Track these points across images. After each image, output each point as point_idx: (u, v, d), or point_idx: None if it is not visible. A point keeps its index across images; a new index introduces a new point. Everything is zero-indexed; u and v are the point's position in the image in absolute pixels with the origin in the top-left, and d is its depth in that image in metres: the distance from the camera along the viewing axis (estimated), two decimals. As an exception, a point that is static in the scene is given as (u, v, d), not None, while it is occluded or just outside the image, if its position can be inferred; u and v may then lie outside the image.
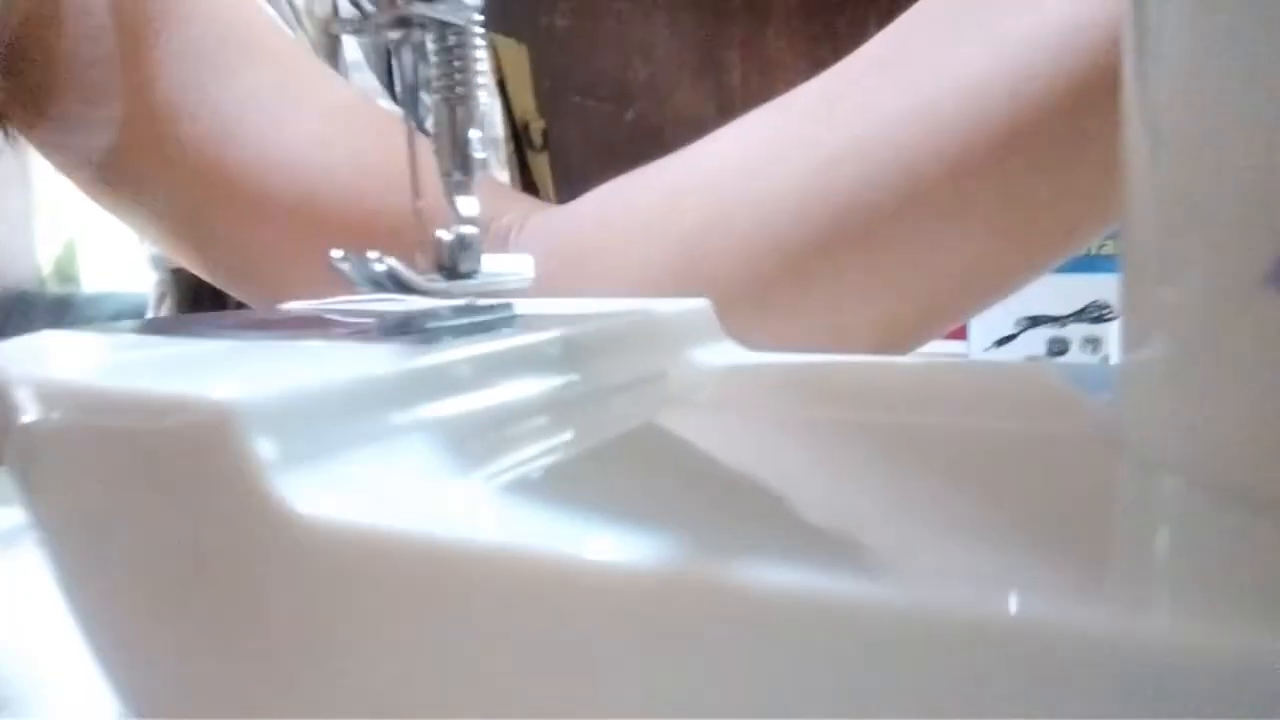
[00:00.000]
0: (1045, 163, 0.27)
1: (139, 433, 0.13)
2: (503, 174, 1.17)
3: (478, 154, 0.18)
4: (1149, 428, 0.12)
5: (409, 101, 0.18)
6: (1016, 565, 0.09)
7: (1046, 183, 0.28)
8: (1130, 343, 0.12)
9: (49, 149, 0.43)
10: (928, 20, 0.29)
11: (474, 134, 0.18)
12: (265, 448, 0.12)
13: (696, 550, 0.09)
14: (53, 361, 0.17)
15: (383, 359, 0.14)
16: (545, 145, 1.33)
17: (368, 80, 0.89)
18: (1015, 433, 0.14)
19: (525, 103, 1.33)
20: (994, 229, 0.29)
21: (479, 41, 0.17)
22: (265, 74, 0.39)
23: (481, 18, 0.17)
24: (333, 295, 0.26)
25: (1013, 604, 0.08)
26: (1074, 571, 0.09)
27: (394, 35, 0.17)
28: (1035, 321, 0.73)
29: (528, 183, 1.27)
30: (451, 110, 0.18)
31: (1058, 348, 0.74)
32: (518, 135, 1.28)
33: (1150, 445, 0.12)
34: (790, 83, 0.33)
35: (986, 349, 0.72)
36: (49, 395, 0.14)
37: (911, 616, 0.08)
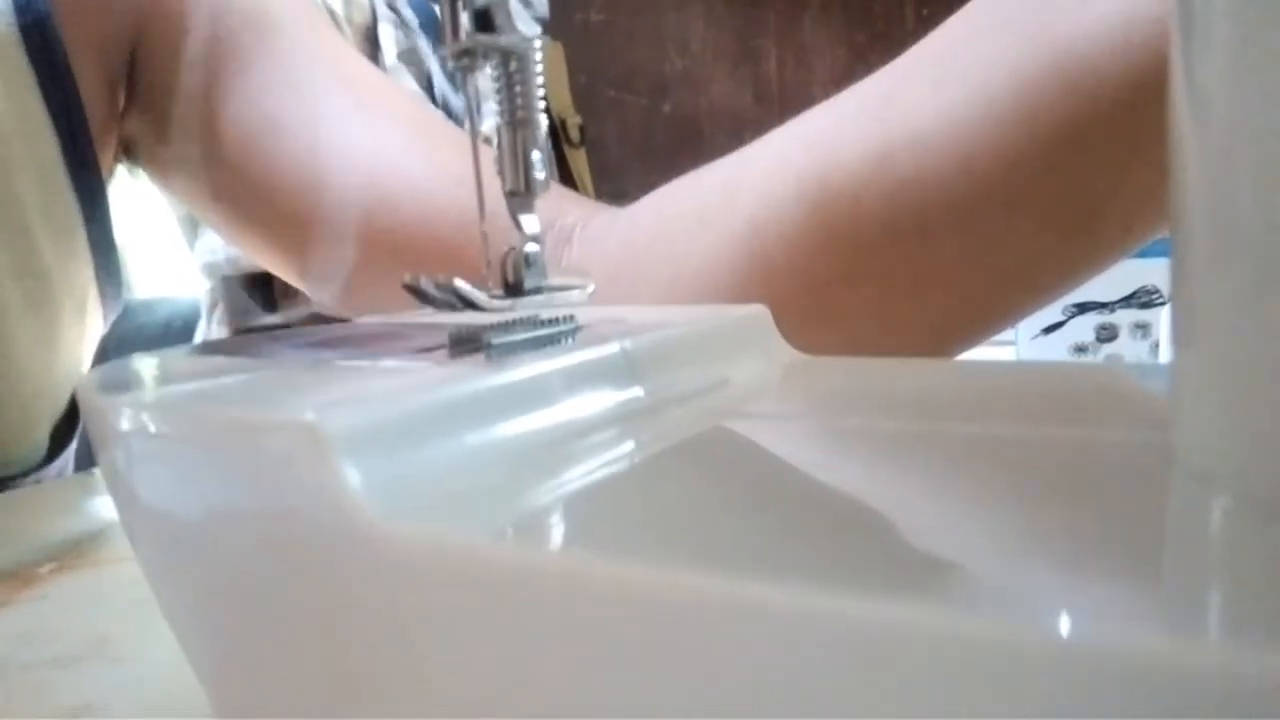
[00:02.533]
0: (1102, 159, 0.27)
1: (235, 454, 0.14)
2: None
3: (539, 174, 0.19)
4: (1198, 437, 0.12)
5: (473, 127, 0.18)
6: (1054, 590, 0.09)
7: (1103, 179, 0.28)
8: (1179, 342, 0.12)
9: (166, 176, 0.46)
10: (982, 16, 0.29)
11: (536, 155, 0.19)
12: (351, 467, 0.12)
13: (767, 569, 0.10)
14: (151, 385, 0.18)
15: (454, 379, 0.15)
16: (583, 140, 1.34)
17: (407, 83, 0.91)
18: (1071, 443, 0.15)
19: (562, 99, 1.33)
20: (1049, 226, 0.29)
21: (539, 67, 0.18)
22: (353, 94, 0.42)
23: (540, 44, 0.18)
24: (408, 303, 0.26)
25: (1046, 632, 0.08)
26: (1110, 597, 0.09)
27: (459, 64, 0.18)
28: (1083, 308, 0.73)
29: (566, 179, 1.28)
30: (514, 132, 0.18)
31: (1106, 334, 0.73)
32: (555, 132, 1.29)
33: (1200, 456, 0.12)
34: (828, 70, 0.33)
35: (1034, 337, 0.72)
36: (147, 419, 0.15)
37: (958, 640, 0.08)
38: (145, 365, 0.19)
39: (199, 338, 0.91)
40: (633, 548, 0.11)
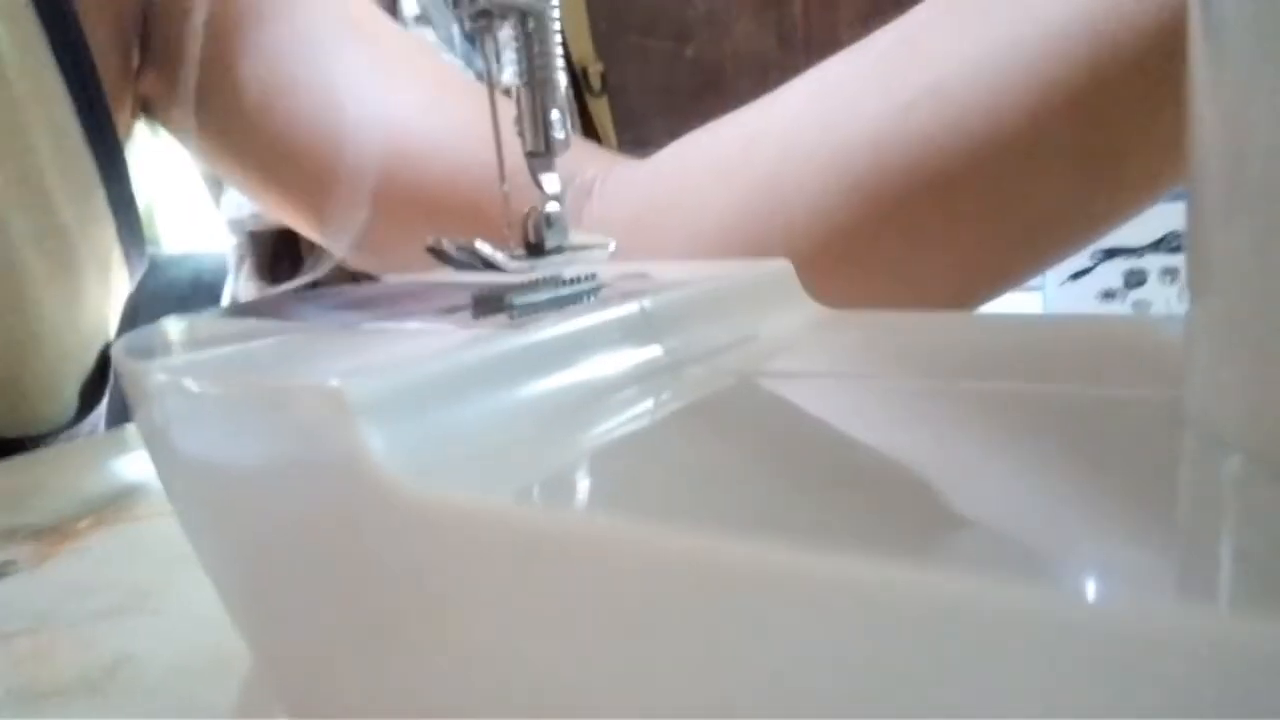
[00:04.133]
0: (1128, 107, 0.27)
1: (264, 418, 0.14)
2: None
3: (559, 134, 0.19)
4: (1209, 392, 0.12)
5: (491, 87, 0.18)
6: (1062, 556, 0.09)
7: (1129, 127, 0.27)
8: (1193, 294, 0.12)
9: (184, 134, 0.46)
10: None
11: (555, 115, 0.18)
12: (374, 430, 0.13)
13: (785, 533, 0.10)
14: (182, 350, 0.18)
15: (475, 342, 0.15)
16: (604, 89, 1.32)
17: (428, 34, 0.90)
18: (1088, 401, 0.15)
19: (582, 47, 1.32)
20: (1075, 175, 0.28)
21: (556, 26, 0.18)
22: (371, 51, 0.42)
23: (557, 3, 0.18)
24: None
25: (1052, 598, 0.08)
26: (1116, 564, 0.09)
27: (476, 24, 0.18)
28: (1111, 254, 0.72)
29: (588, 128, 1.27)
30: (533, 93, 0.18)
31: (1135, 279, 0.72)
32: (576, 81, 1.28)
33: (1211, 413, 0.12)
34: (854, 12, 0.32)
35: (1061, 283, 0.71)
36: (180, 384, 0.15)
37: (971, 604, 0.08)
38: (176, 330, 0.19)
39: (227, 293, 0.91)
40: (652, 510, 0.11)
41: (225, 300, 0.90)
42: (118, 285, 0.47)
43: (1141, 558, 0.09)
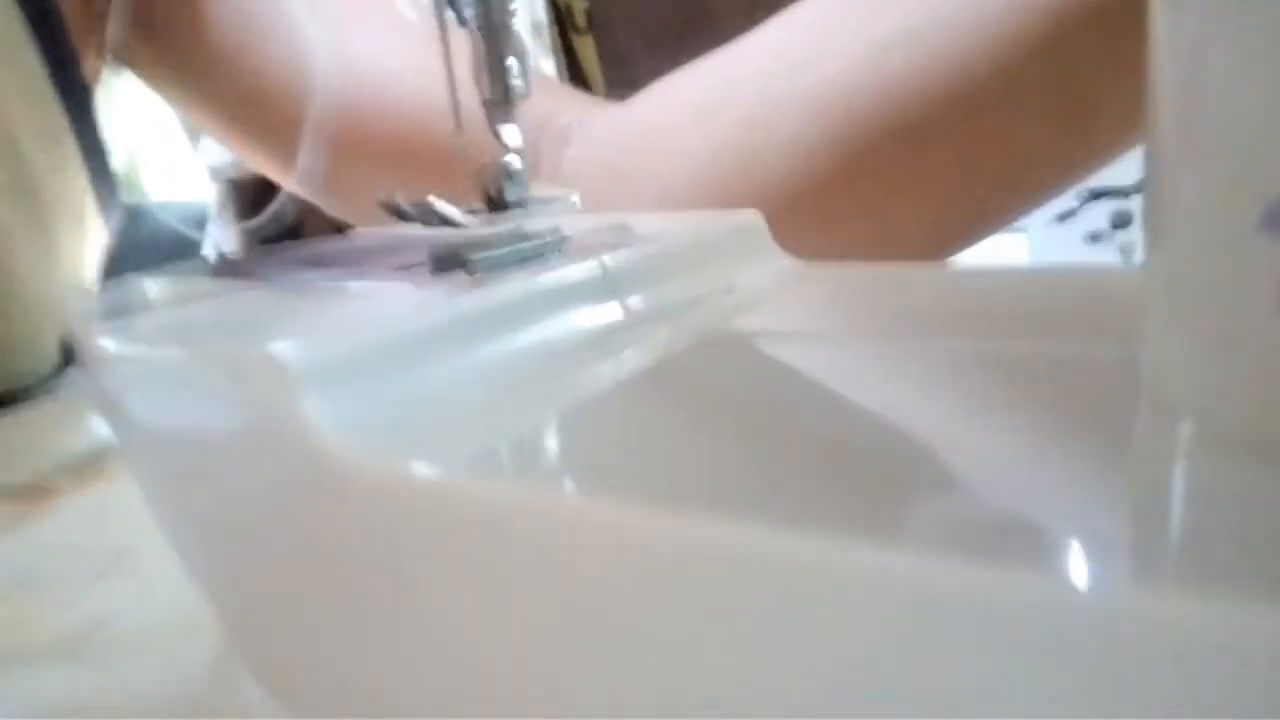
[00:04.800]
0: (1100, 53, 0.26)
1: (209, 386, 0.14)
2: (548, 61, 1.15)
3: (517, 82, 0.18)
4: (1163, 356, 0.12)
5: (445, 37, 0.18)
6: (1005, 527, 0.09)
7: (1102, 74, 0.27)
8: (1148, 248, 0.12)
9: (153, 79, 0.45)
10: None
11: (512, 62, 0.18)
12: (317, 399, 0.12)
13: (736, 507, 0.10)
14: (135, 313, 0.18)
15: (428, 305, 0.15)
16: (590, 26, 1.30)
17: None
18: (1050, 361, 0.14)
19: (568, -17, 1.29)
20: (1048, 121, 0.28)
21: (511, -29, 0.17)
22: None
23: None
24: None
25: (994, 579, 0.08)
26: (1063, 540, 0.09)
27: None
28: (1098, 195, 0.71)
29: (574, 67, 1.25)
30: (489, 39, 0.18)
31: (1121, 221, 0.71)
32: (561, 19, 1.25)
33: (1165, 376, 0.12)
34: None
35: (1047, 224, 0.70)
36: (126, 350, 0.15)
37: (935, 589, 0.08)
38: (133, 292, 0.19)
39: (209, 240, 0.91)
40: (606, 482, 0.11)
41: (208, 249, 0.89)
42: (93, 235, 0.47)
43: (1089, 537, 0.09)
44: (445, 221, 0.17)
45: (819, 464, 0.11)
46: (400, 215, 0.17)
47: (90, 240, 0.46)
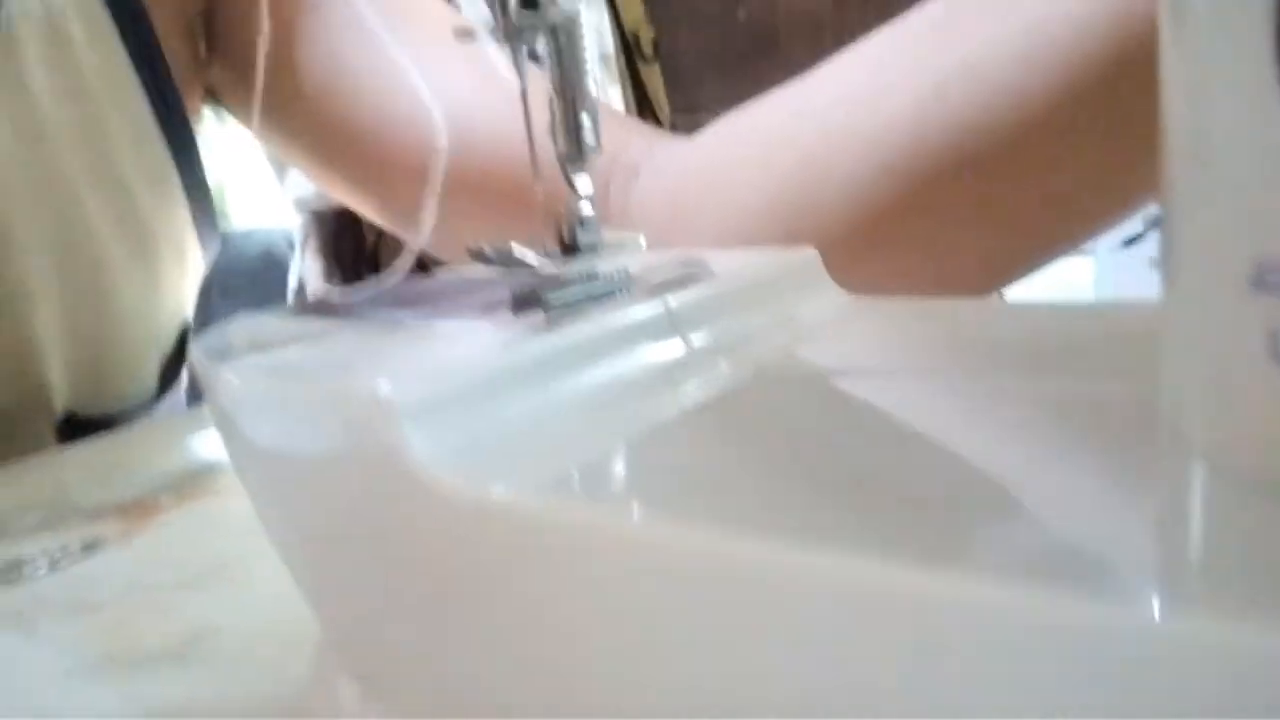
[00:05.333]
0: (1155, 84, 0.27)
1: (320, 420, 0.16)
2: (615, 89, 1.18)
3: (590, 140, 0.20)
4: (1175, 404, 0.12)
5: (526, 102, 0.19)
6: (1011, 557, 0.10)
7: (1157, 105, 0.27)
8: (1165, 286, 0.12)
9: (250, 120, 0.48)
10: None
11: (585, 120, 0.20)
12: (417, 431, 0.14)
13: (793, 536, 0.11)
14: (249, 350, 0.20)
15: (512, 344, 0.16)
16: (656, 55, 1.32)
17: (479, 10, 0.91)
18: (1088, 399, 0.15)
19: (634, 12, 1.31)
20: (1106, 153, 0.28)
21: (584, 40, 0.19)
22: (420, 39, 0.42)
23: (582, 14, 0.19)
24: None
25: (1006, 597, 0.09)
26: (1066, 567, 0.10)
27: (508, 42, 0.19)
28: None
29: (641, 95, 1.27)
30: (565, 100, 0.19)
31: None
32: (628, 48, 1.27)
33: (1176, 419, 0.12)
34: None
35: (1113, 249, 0.69)
36: (246, 387, 0.17)
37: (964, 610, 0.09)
38: (244, 330, 0.21)
39: (293, 269, 0.94)
40: (675, 507, 0.12)
41: (291, 276, 0.93)
42: (193, 266, 0.50)
43: (1096, 564, 0.10)
44: (523, 265, 0.19)
45: (867, 490, 0.12)
46: (483, 259, 0.19)
47: (190, 272, 0.49)
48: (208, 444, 0.42)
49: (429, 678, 0.15)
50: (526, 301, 0.20)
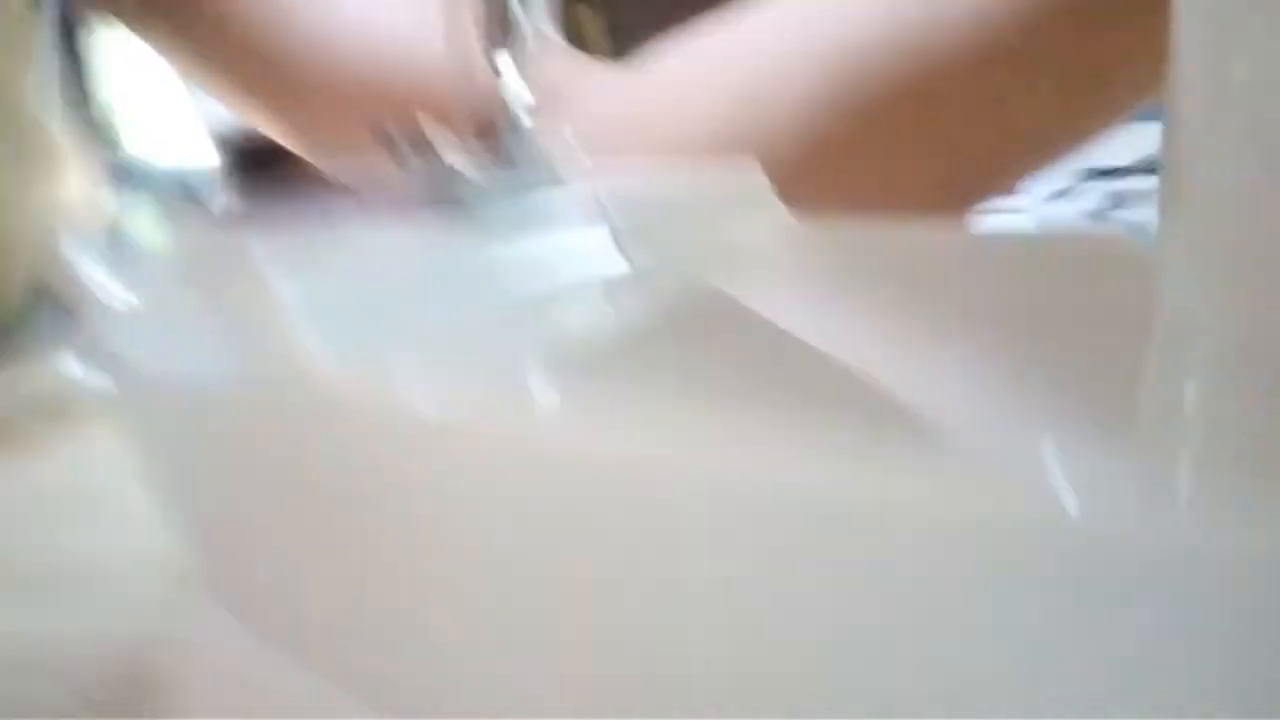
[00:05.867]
0: (1117, 17, 0.26)
1: (209, 328, 0.14)
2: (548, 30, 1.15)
3: (525, 29, 0.18)
4: (1176, 320, 0.12)
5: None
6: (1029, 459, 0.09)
7: (1118, 39, 0.26)
8: (1163, 211, 0.12)
9: (156, 38, 0.45)
10: None
11: (518, 6, 0.18)
12: (311, 330, 0.12)
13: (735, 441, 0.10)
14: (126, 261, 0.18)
15: (423, 247, 0.15)
16: (592, -3, 1.29)
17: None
18: (1063, 307, 0.14)
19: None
20: (1064, 82, 0.28)
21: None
22: None
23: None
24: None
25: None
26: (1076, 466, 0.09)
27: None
28: (1094, 174, 0.70)
29: (575, 37, 1.24)
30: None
31: (1119, 202, 0.71)
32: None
33: (1177, 338, 0.12)
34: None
35: (1042, 202, 0.69)
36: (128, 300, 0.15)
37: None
38: (127, 240, 0.19)
39: (214, 203, 0.90)
40: (593, 416, 0.11)
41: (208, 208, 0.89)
42: (76, 179, 0.46)
43: (1086, 466, 0.09)
44: (443, 159, 0.17)
45: (815, 396, 0.11)
46: (393, 149, 0.17)
47: (72, 185, 0.46)
48: (78, 366, 0.40)
49: (306, 602, 0.14)
50: (443, 201, 0.18)
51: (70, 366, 0.39)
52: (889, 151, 0.30)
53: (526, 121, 0.19)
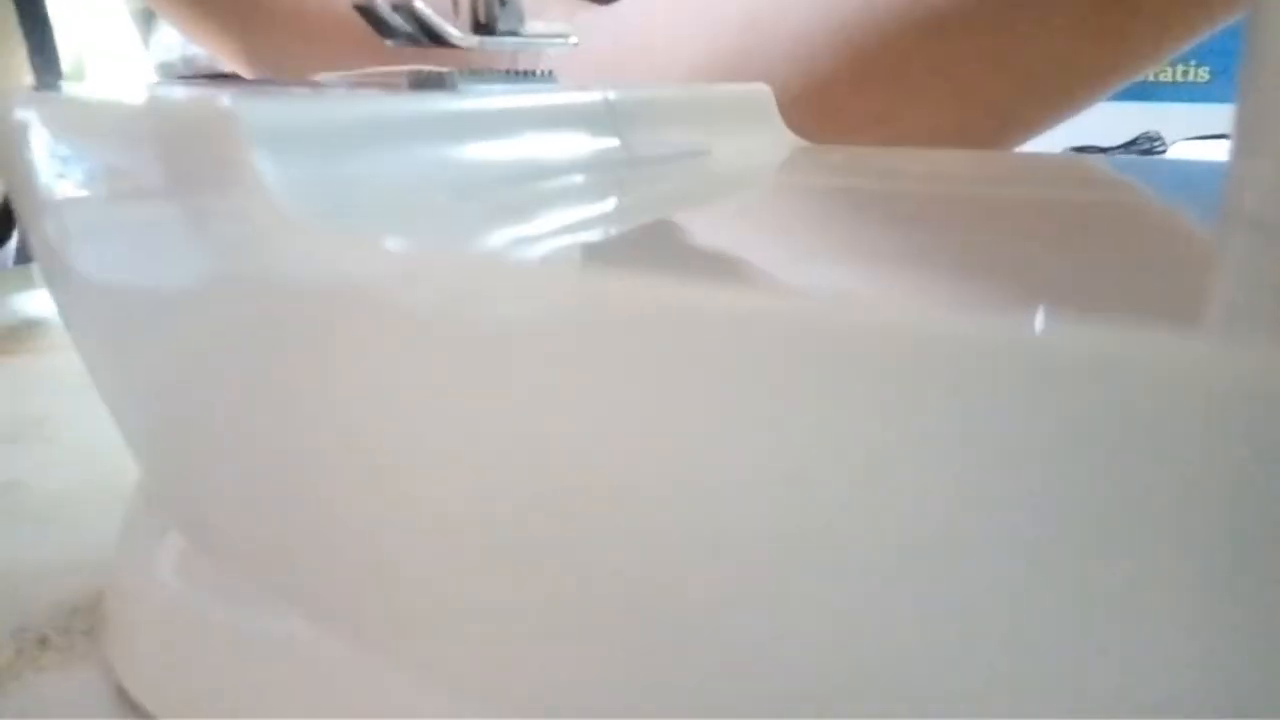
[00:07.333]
0: None
1: (156, 135, 0.12)
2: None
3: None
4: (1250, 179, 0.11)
5: None
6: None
7: None
8: (1244, 89, 0.11)
9: None
10: None
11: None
12: (270, 160, 0.11)
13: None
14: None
15: (401, 100, 0.13)
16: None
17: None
18: (1070, 200, 0.13)
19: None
20: (1080, 29, 0.26)
21: None
22: None
23: None
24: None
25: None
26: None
27: None
28: (1082, 152, 0.70)
29: None
30: None
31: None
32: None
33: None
34: None
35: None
36: (59, 116, 0.13)
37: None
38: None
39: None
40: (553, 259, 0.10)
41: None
42: None
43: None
44: (430, 33, 0.15)
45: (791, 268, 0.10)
46: (376, 21, 0.15)
47: None
48: (30, 302, 0.39)
49: (268, 515, 0.12)
50: (428, 83, 0.16)
51: (26, 301, 0.38)
52: (893, 96, 0.28)
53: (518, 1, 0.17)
